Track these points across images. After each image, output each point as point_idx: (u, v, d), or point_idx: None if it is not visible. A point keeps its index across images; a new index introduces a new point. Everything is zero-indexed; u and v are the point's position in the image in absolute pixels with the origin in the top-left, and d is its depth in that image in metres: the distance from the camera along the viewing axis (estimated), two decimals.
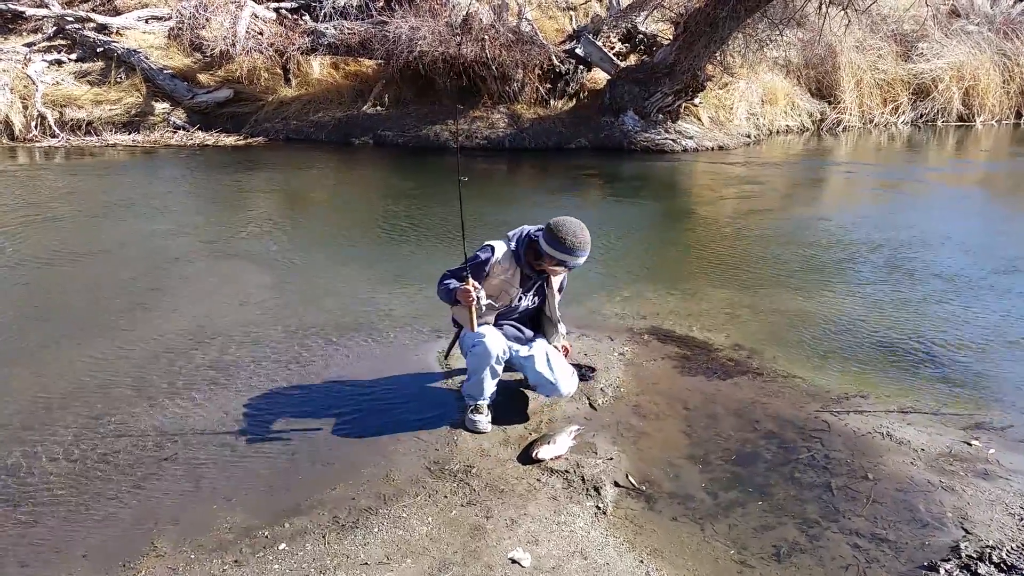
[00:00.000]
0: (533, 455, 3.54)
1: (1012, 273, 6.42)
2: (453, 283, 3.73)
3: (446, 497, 3.27)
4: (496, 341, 3.74)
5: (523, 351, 3.91)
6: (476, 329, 3.72)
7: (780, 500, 3.32)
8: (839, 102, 14.88)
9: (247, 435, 3.72)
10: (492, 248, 3.82)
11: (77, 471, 3.43)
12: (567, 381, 3.88)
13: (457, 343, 4.14)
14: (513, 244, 3.83)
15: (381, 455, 3.56)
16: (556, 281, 3.98)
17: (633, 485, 3.40)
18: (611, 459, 3.59)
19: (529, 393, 4.16)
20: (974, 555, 2.98)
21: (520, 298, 3.93)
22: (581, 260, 3.71)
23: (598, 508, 3.24)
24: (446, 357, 4.39)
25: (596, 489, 3.35)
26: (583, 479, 3.42)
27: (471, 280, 3.65)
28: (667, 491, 3.38)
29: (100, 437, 3.69)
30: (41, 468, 3.44)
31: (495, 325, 3.90)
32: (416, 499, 3.24)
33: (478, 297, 3.63)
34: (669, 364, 4.62)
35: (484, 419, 3.79)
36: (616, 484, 3.41)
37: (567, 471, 3.48)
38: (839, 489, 3.40)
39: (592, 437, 3.76)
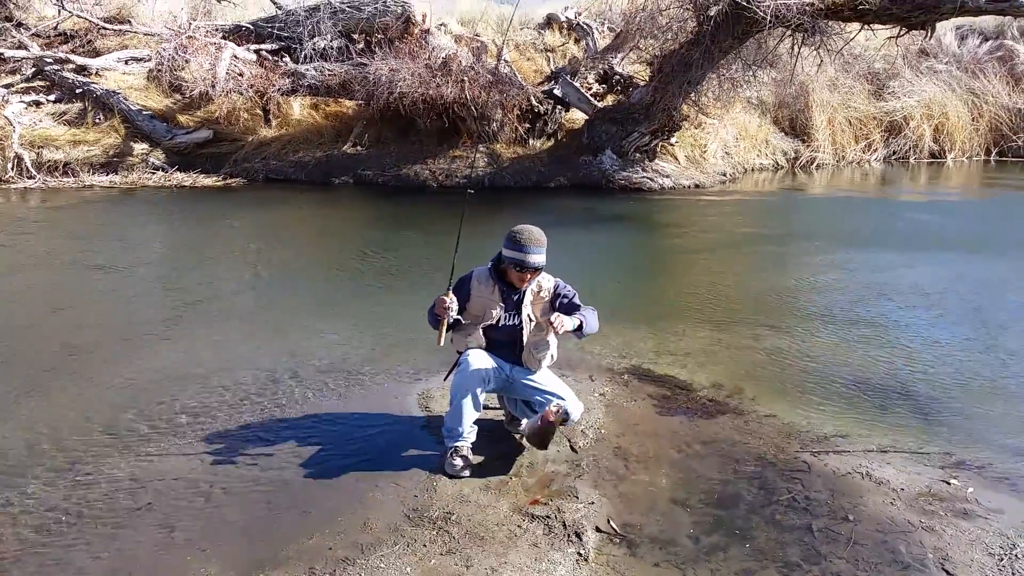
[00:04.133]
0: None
1: (989, 312, 6.50)
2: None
3: (425, 546, 3.23)
4: (482, 361, 3.78)
5: (527, 374, 3.92)
6: (462, 349, 3.86)
7: (761, 543, 3.30)
8: (812, 140, 15.14)
9: (223, 483, 3.66)
10: (473, 270, 3.94)
11: (49, 521, 3.36)
12: (574, 403, 3.87)
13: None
14: (489, 263, 3.94)
15: (359, 502, 3.52)
16: (530, 297, 3.88)
17: (615, 530, 3.38)
18: (592, 503, 3.56)
19: (510, 437, 4.15)
20: None
21: (503, 317, 3.89)
22: (533, 258, 3.75)
23: (579, 555, 3.21)
24: (445, 380, 4.27)
25: (578, 535, 3.33)
26: (564, 524, 3.39)
27: (450, 292, 3.76)
28: (649, 536, 3.35)
29: (73, 486, 3.62)
30: (12, 518, 3.36)
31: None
32: (394, 548, 3.20)
33: (449, 307, 3.71)
34: (650, 404, 4.62)
35: (463, 463, 3.76)
36: (598, 529, 3.38)
37: (548, 516, 3.45)
38: (820, 531, 3.39)
39: (573, 481, 3.74)
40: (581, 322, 3.80)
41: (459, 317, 3.80)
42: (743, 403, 4.64)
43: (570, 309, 3.89)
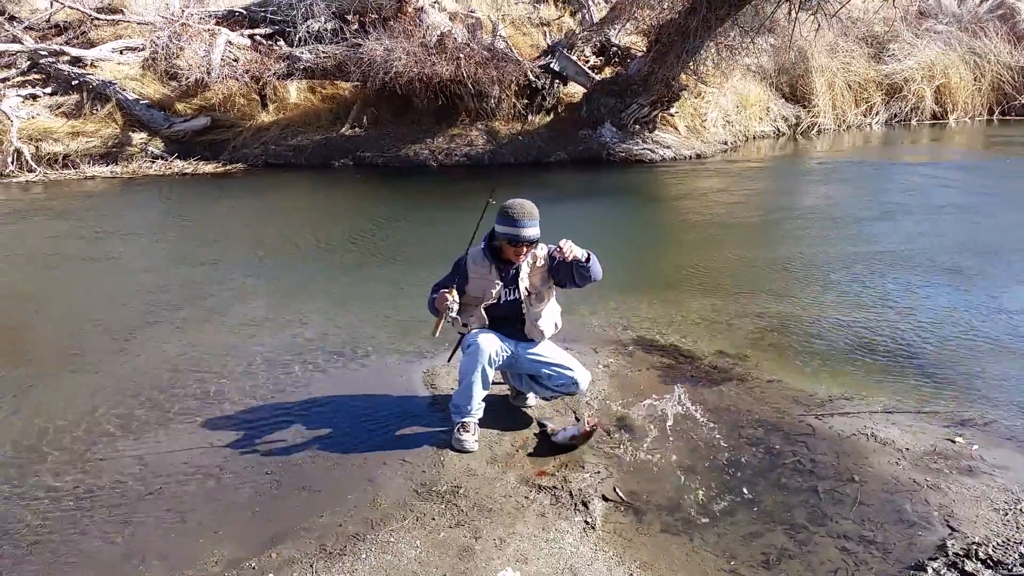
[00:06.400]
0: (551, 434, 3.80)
1: (990, 273, 6.48)
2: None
3: (434, 519, 3.26)
4: (490, 341, 3.78)
5: (532, 348, 3.93)
6: (467, 333, 3.87)
7: (767, 507, 3.33)
8: (813, 105, 15.03)
9: (232, 465, 3.70)
10: (467, 252, 3.90)
11: (62, 509, 3.40)
12: (582, 372, 3.92)
13: (459, 349, 4.12)
14: (483, 242, 3.91)
15: (367, 479, 3.55)
16: (527, 269, 3.86)
17: (621, 498, 3.40)
18: (598, 472, 3.59)
19: (515, 411, 4.17)
20: (961, 552, 2.99)
21: (503, 293, 3.88)
22: (527, 231, 3.71)
23: (587, 523, 3.24)
24: (448, 362, 4.31)
25: (584, 504, 3.35)
26: (571, 494, 3.42)
27: (453, 290, 3.74)
28: (655, 503, 3.38)
29: (84, 473, 3.66)
30: (25, 506, 3.40)
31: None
32: (404, 523, 3.23)
33: (448, 307, 3.70)
34: (654, 374, 4.63)
35: (471, 438, 3.79)
36: (604, 498, 3.41)
37: (555, 487, 3.47)
38: (826, 493, 3.41)
39: (579, 451, 3.76)
40: (590, 254, 3.74)
41: (457, 316, 3.80)
42: (747, 370, 4.65)
43: (569, 265, 3.84)
